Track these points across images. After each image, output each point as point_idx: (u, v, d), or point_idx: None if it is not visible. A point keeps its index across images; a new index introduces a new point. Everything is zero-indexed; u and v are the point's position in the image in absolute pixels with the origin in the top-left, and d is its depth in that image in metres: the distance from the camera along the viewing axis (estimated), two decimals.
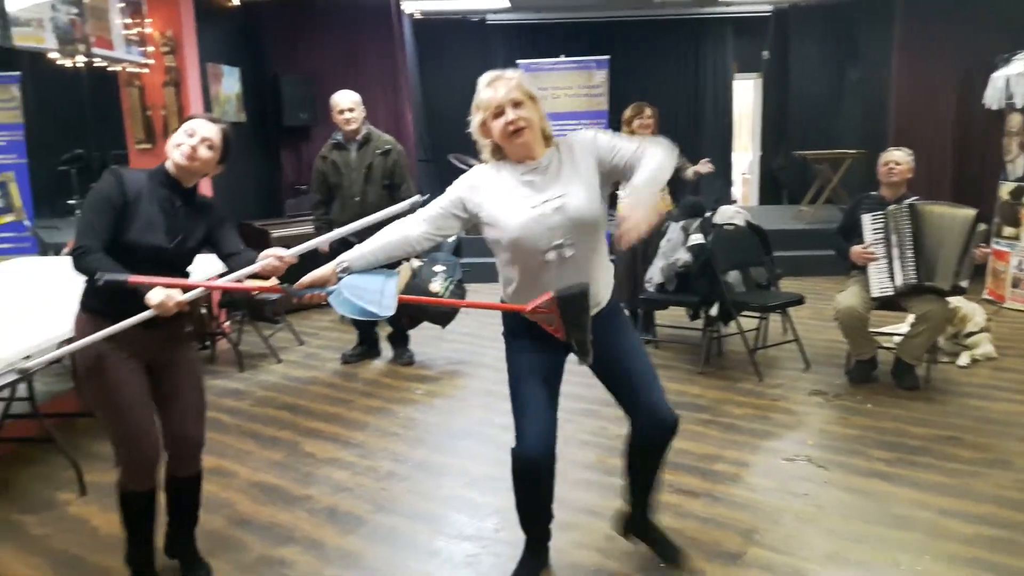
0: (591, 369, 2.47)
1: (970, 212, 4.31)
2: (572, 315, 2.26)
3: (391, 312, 2.32)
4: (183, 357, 2.66)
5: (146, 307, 2.24)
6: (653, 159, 2.28)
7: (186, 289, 2.32)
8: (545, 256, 2.31)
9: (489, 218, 2.36)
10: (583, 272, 2.36)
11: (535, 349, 2.43)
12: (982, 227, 4.35)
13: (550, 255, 2.31)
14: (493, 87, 2.32)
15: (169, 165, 2.48)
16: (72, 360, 2.48)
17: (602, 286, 2.46)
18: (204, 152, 2.46)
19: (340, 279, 2.33)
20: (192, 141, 2.45)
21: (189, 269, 2.60)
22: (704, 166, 5.72)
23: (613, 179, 2.43)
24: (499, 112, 2.30)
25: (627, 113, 5.37)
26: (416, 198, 2.43)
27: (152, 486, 2.58)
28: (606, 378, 2.53)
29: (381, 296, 2.31)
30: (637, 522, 2.79)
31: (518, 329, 2.45)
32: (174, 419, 2.60)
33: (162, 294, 2.22)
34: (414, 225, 2.42)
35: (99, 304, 2.42)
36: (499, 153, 2.41)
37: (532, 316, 2.29)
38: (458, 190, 2.42)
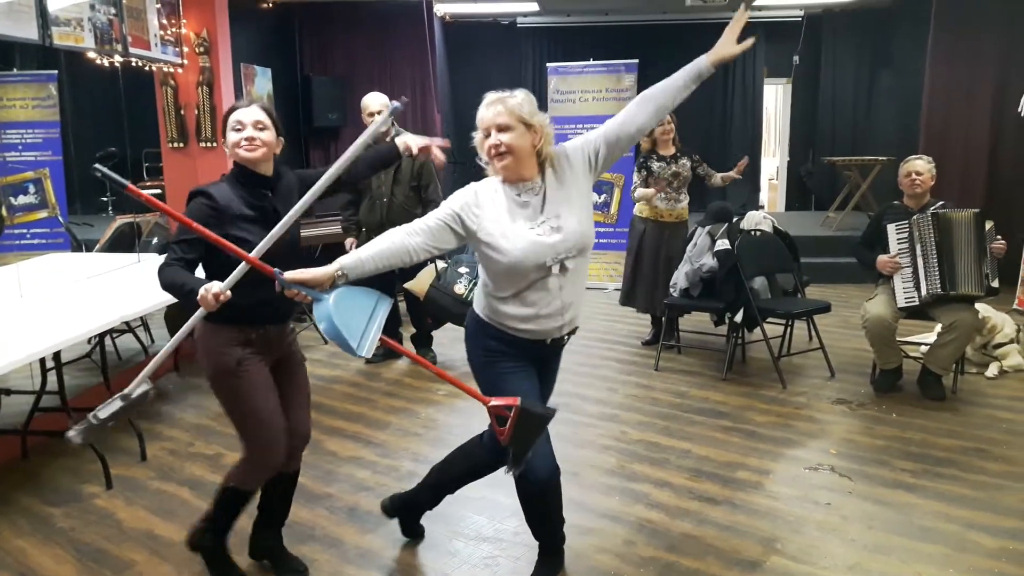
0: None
1: (972, 212, 4.31)
2: (526, 430, 2.27)
3: (366, 355, 2.22)
4: (292, 350, 2.70)
5: (232, 306, 2.19)
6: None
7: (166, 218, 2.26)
8: (550, 270, 2.34)
9: (488, 239, 2.33)
10: (579, 285, 2.43)
11: (520, 371, 2.46)
12: (990, 224, 4.33)
13: (555, 268, 2.34)
14: (487, 107, 2.36)
15: (240, 163, 2.45)
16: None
17: (582, 308, 2.50)
18: (261, 135, 2.43)
19: (336, 286, 2.22)
20: (246, 133, 2.41)
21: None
22: (737, 170, 5.59)
23: (619, 149, 2.45)
24: (488, 133, 2.35)
25: None
26: (395, 104, 2.29)
27: (258, 488, 2.64)
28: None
29: (364, 330, 2.21)
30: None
31: (499, 349, 2.46)
32: (291, 414, 2.62)
33: (201, 291, 2.14)
34: (413, 234, 2.35)
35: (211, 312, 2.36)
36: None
37: (489, 409, 2.30)
38: (455, 205, 2.37)
